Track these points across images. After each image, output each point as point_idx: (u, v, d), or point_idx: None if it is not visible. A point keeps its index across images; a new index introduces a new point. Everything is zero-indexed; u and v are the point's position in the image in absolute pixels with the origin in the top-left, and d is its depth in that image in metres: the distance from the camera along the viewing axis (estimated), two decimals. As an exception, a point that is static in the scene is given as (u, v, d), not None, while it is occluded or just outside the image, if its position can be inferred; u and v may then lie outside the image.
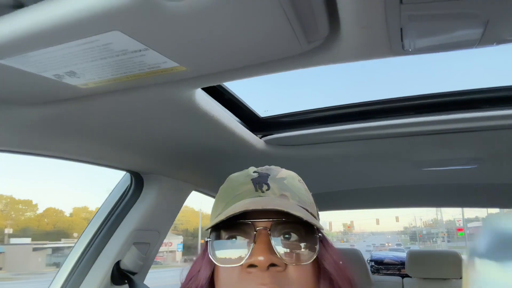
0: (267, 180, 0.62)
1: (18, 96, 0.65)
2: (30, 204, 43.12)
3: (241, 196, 0.60)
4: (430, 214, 67.96)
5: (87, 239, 1.15)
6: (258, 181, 0.61)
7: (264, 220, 0.55)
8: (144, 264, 1.22)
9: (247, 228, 0.56)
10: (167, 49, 0.52)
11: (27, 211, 42.20)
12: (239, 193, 0.61)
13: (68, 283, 1.09)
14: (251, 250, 0.53)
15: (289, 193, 0.60)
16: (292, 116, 1.17)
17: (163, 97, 0.72)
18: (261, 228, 0.55)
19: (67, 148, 0.89)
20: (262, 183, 0.61)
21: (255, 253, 0.53)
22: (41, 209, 42.98)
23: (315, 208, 0.65)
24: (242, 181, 0.63)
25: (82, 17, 0.42)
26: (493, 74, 78.26)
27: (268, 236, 0.54)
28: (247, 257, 0.53)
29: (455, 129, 1.01)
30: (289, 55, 0.58)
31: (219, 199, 0.64)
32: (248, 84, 2.80)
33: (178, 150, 1.06)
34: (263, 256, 0.52)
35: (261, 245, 0.53)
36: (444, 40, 0.56)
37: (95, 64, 0.54)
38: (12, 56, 0.50)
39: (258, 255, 0.52)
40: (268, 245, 0.53)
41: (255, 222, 0.55)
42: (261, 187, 0.60)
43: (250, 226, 0.55)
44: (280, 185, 0.61)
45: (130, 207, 1.20)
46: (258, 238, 0.54)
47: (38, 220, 40.63)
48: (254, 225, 0.55)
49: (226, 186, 0.65)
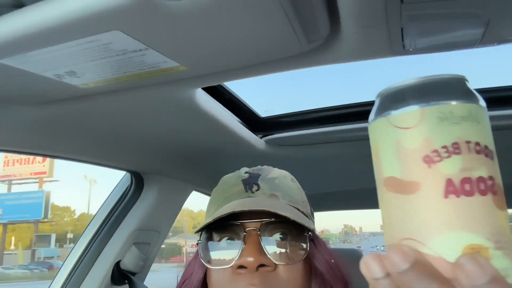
0: (257, 180, 0.62)
1: (18, 96, 0.65)
2: (68, 210, 45.49)
3: (231, 197, 0.60)
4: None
5: (88, 239, 1.15)
6: (248, 181, 0.62)
7: (253, 220, 0.55)
8: (145, 265, 1.22)
9: (237, 229, 0.56)
10: (167, 48, 0.52)
11: (65, 216, 44.42)
12: (229, 194, 0.61)
13: (69, 283, 1.09)
14: (240, 251, 0.54)
15: (279, 193, 0.60)
16: (293, 116, 1.17)
17: (163, 96, 0.72)
18: (251, 229, 0.55)
19: (67, 148, 0.89)
20: (252, 183, 0.61)
21: (244, 254, 0.53)
22: (77, 214, 44.93)
23: (309, 207, 0.65)
24: (233, 182, 0.63)
25: (82, 17, 0.42)
26: (493, 74, 78.23)
27: (258, 237, 0.54)
28: (237, 258, 0.53)
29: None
30: (290, 55, 0.58)
31: (211, 201, 0.65)
32: (248, 84, 2.81)
33: (179, 150, 1.06)
34: (252, 257, 0.52)
35: (251, 245, 0.53)
36: (445, 40, 0.56)
37: (95, 63, 0.54)
38: (12, 55, 0.50)
39: (247, 256, 0.52)
40: (257, 245, 0.53)
41: (245, 223, 0.56)
42: (251, 188, 0.61)
43: (240, 227, 0.56)
44: (271, 185, 0.61)
45: (131, 207, 1.20)
46: (248, 239, 0.54)
47: (74, 225, 42.07)
48: (243, 226, 0.55)
49: (218, 188, 0.66)
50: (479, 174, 0.25)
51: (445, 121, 0.25)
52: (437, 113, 0.26)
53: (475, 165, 0.25)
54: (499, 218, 0.25)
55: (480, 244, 0.24)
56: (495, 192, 0.25)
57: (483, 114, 0.26)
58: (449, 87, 0.27)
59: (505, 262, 0.24)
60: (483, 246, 0.24)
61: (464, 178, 0.25)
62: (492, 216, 0.24)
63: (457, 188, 0.24)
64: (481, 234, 0.24)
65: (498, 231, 0.24)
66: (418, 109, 0.26)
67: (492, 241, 0.24)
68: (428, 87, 0.27)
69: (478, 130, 0.26)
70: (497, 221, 0.25)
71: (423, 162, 0.25)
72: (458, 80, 0.27)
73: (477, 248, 0.24)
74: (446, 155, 0.25)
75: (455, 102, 0.26)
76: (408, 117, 0.26)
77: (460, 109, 0.26)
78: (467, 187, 0.24)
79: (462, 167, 0.25)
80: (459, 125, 0.25)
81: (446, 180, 0.25)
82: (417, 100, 0.26)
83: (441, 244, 0.25)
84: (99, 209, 1.23)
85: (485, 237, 0.24)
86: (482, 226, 0.24)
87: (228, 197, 0.61)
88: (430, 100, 0.26)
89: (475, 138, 0.25)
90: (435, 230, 0.25)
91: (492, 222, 0.24)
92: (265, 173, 0.64)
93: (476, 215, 0.24)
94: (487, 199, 0.25)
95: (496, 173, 0.26)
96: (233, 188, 0.62)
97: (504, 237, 0.24)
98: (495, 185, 0.25)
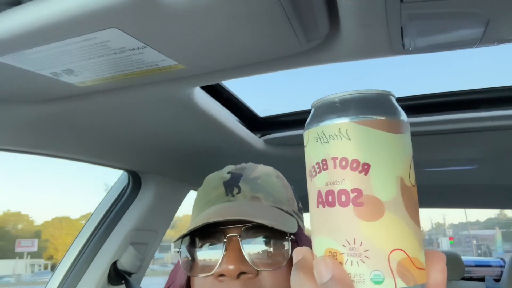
0: (238, 182, 0.60)
1: (15, 94, 0.65)
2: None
3: (212, 201, 0.60)
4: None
5: (84, 239, 1.15)
6: (229, 184, 0.60)
7: (234, 226, 0.54)
8: (142, 265, 1.22)
9: (218, 236, 0.55)
10: (166, 47, 0.51)
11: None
12: (210, 198, 0.60)
13: (65, 283, 1.09)
14: (221, 259, 0.53)
15: (261, 194, 0.59)
16: (292, 116, 1.17)
17: (161, 95, 0.72)
18: (231, 235, 0.54)
19: (64, 147, 0.89)
20: (233, 186, 0.60)
21: (225, 262, 0.52)
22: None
23: (296, 204, 0.64)
24: (214, 184, 0.62)
25: (80, 15, 0.42)
26: (494, 74, 78.35)
27: (239, 243, 0.53)
28: (217, 266, 0.52)
29: (455, 129, 1.00)
30: (289, 54, 0.58)
31: (195, 204, 0.64)
32: (247, 83, 2.81)
33: (176, 149, 1.06)
34: (233, 265, 0.51)
35: (231, 253, 0.52)
36: (444, 39, 0.56)
37: (93, 62, 0.53)
38: (9, 53, 0.49)
39: (228, 264, 0.51)
40: (238, 252, 0.52)
41: (225, 229, 0.54)
42: (232, 191, 0.59)
43: (221, 234, 0.54)
44: (252, 186, 0.60)
45: (128, 207, 1.19)
46: (229, 245, 0.53)
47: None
48: (224, 232, 0.54)
49: (201, 190, 0.65)
50: (341, 187, 0.27)
51: (318, 141, 0.29)
52: (314, 134, 0.29)
53: (339, 179, 0.27)
54: (361, 229, 0.26)
55: (336, 249, 0.27)
56: (359, 204, 0.27)
57: (359, 129, 0.28)
58: (326, 109, 0.30)
59: (357, 269, 0.26)
60: (339, 252, 0.27)
61: (328, 190, 0.28)
62: (351, 226, 0.27)
63: (323, 199, 0.28)
64: (338, 240, 0.27)
65: (356, 240, 0.27)
66: (306, 132, 0.31)
67: (348, 248, 0.27)
68: (313, 111, 0.31)
69: (347, 147, 0.28)
70: (356, 231, 0.27)
71: (309, 176, 0.30)
72: (331, 101, 0.30)
73: (333, 252, 0.27)
74: (318, 171, 0.29)
75: (326, 122, 0.29)
76: (304, 137, 0.31)
77: (329, 129, 0.28)
78: (330, 199, 0.28)
79: (327, 181, 0.28)
80: (328, 144, 0.28)
81: (317, 192, 0.29)
82: (307, 124, 0.31)
83: (314, 246, 0.30)
84: (96, 208, 1.22)
85: (341, 244, 0.27)
86: (339, 234, 0.27)
87: (209, 201, 0.60)
88: (312, 124, 0.30)
89: (342, 154, 0.28)
90: (313, 234, 0.30)
91: (350, 231, 0.27)
92: (247, 172, 0.62)
93: (335, 223, 0.27)
94: (348, 210, 0.27)
95: (368, 185, 0.27)
96: (215, 191, 0.61)
97: (364, 247, 0.26)
98: (361, 197, 0.27)
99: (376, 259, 0.26)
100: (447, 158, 1.28)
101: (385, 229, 0.26)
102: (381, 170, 0.27)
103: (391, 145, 0.28)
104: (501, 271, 2.51)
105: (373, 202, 0.27)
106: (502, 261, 2.77)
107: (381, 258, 0.26)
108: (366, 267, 0.26)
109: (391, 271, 0.26)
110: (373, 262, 0.26)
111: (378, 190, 0.27)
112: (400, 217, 0.27)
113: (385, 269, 0.26)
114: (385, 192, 0.27)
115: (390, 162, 0.27)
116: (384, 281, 0.26)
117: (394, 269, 0.26)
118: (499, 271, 2.61)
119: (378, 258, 0.26)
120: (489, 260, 2.86)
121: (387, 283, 0.26)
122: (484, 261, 2.84)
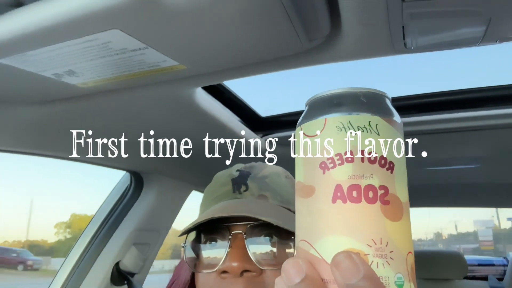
0: (246, 180, 0.60)
1: (17, 96, 0.65)
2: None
3: (219, 198, 0.59)
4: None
5: (87, 239, 1.15)
6: (237, 181, 0.60)
7: (239, 224, 0.54)
8: (144, 265, 1.22)
9: (223, 232, 0.54)
10: (167, 47, 0.51)
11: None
12: (217, 194, 0.60)
13: (68, 284, 1.09)
14: (225, 256, 0.52)
15: (269, 193, 0.59)
16: (293, 116, 1.17)
17: (163, 96, 0.72)
18: (237, 232, 0.53)
19: (66, 148, 0.89)
20: (241, 183, 0.60)
21: (228, 259, 0.52)
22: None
23: None
24: (223, 181, 0.62)
25: (81, 16, 0.42)
26: (497, 72, 78.40)
27: (243, 241, 0.53)
28: (221, 263, 0.52)
29: (457, 128, 1.00)
30: (290, 54, 0.58)
31: (203, 199, 0.64)
32: (248, 83, 2.81)
33: (178, 149, 1.06)
34: (236, 262, 0.51)
35: (236, 250, 0.52)
36: (446, 38, 0.56)
37: (95, 63, 0.53)
38: (11, 55, 0.49)
39: (231, 261, 0.51)
40: (242, 250, 0.52)
41: (230, 226, 0.54)
42: (239, 188, 0.59)
43: (226, 230, 0.54)
44: (260, 185, 0.59)
45: (130, 207, 1.19)
46: (233, 242, 0.53)
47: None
48: (229, 229, 0.54)
49: (209, 186, 0.64)
50: (369, 183, 0.25)
51: (342, 130, 0.27)
52: (336, 122, 0.27)
53: (366, 174, 0.26)
54: (387, 228, 0.25)
55: (360, 250, 0.25)
56: (386, 202, 0.25)
57: (386, 126, 0.27)
58: (353, 99, 0.28)
59: (384, 270, 0.24)
60: (363, 252, 0.25)
61: (353, 185, 0.25)
62: (378, 224, 0.25)
63: (345, 194, 0.25)
64: (362, 240, 0.25)
65: (382, 240, 0.25)
66: (322, 119, 0.28)
67: (373, 249, 0.25)
68: (334, 99, 0.28)
69: (377, 142, 0.26)
70: (382, 230, 0.25)
71: (319, 168, 0.27)
72: (364, 93, 0.28)
73: (356, 253, 0.25)
74: (339, 162, 0.26)
75: (356, 113, 0.27)
76: (315, 126, 0.28)
77: (359, 120, 0.27)
78: (355, 194, 0.25)
79: (352, 174, 0.26)
80: (356, 135, 0.26)
81: (335, 186, 0.26)
82: (323, 111, 0.28)
83: (324, 246, 0.26)
84: (98, 209, 1.22)
85: (366, 244, 0.25)
86: (364, 233, 0.25)
87: (216, 197, 0.60)
88: (333, 111, 0.27)
89: (370, 148, 0.26)
90: (321, 233, 0.26)
91: (377, 230, 0.25)
92: (256, 171, 0.62)
93: (360, 221, 0.25)
94: (375, 207, 0.25)
95: (392, 184, 0.26)
96: (222, 188, 0.60)
97: (389, 247, 0.25)
98: (387, 195, 0.26)
99: (398, 261, 0.25)
100: (450, 157, 1.28)
101: (404, 230, 0.26)
102: (400, 170, 0.27)
103: (404, 147, 0.28)
104: (504, 270, 2.51)
105: (397, 202, 0.26)
106: (505, 260, 2.77)
107: (401, 260, 0.25)
108: (391, 269, 0.25)
109: (408, 274, 0.25)
110: (396, 264, 0.25)
111: (399, 190, 0.26)
112: (409, 220, 0.27)
113: (404, 272, 0.25)
114: (403, 193, 0.27)
115: (404, 164, 0.28)
116: (404, 284, 0.25)
117: (409, 272, 0.25)
118: (502, 270, 2.60)
119: (400, 260, 0.25)
120: (492, 259, 2.86)
121: (406, 287, 0.25)
122: (487, 260, 2.83)
